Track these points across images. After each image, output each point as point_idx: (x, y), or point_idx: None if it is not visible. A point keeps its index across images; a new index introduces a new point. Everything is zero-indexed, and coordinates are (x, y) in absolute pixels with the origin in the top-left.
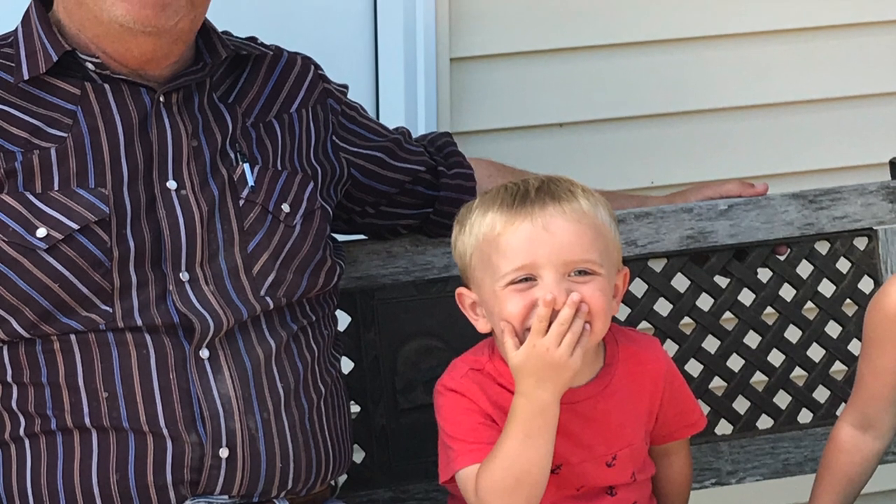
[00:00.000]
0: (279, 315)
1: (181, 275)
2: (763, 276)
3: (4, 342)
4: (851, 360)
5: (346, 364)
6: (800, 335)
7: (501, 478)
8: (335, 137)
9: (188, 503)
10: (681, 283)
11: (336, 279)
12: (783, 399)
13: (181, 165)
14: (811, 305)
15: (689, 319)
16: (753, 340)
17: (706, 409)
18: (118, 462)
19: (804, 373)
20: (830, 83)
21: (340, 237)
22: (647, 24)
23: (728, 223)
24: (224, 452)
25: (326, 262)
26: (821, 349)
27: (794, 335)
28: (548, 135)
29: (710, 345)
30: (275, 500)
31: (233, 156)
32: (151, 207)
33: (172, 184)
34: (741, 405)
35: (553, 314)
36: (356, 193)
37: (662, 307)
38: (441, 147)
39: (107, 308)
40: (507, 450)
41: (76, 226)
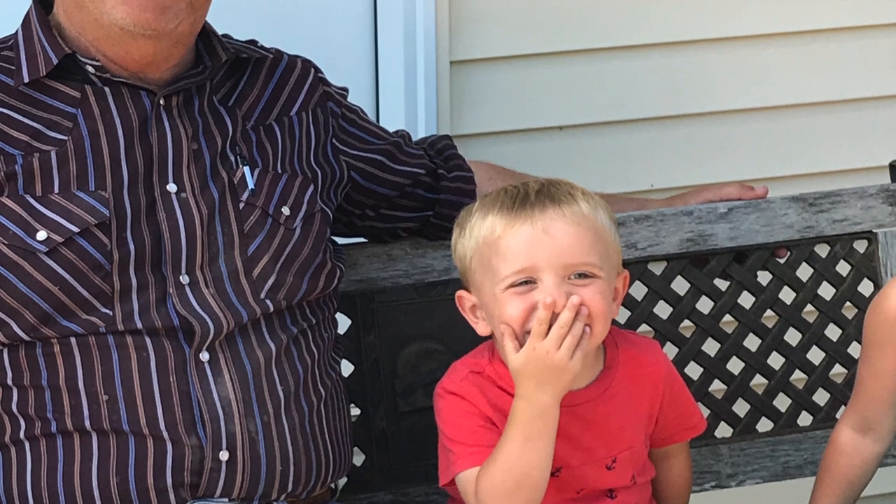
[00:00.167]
0: (279, 318)
1: (181, 278)
2: (763, 279)
3: (4, 345)
4: (851, 363)
5: (347, 367)
6: (800, 338)
7: (501, 481)
8: (335, 140)
9: None
10: (681, 286)
11: (336, 282)
12: (783, 402)
13: (181, 168)
14: (811, 308)
15: (689, 322)
16: (753, 343)
17: (706, 412)
18: (118, 465)
19: (804, 376)
20: (830, 86)
21: (340, 240)
22: (647, 28)
23: (728, 226)
24: (224, 455)
25: (326, 265)
26: (821, 352)
27: (794, 338)
28: (548, 138)
29: (710, 348)
30: (274, 503)
31: (233, 159)
32: (151, 210)
33: (172, 187)
34: (741, 408)
35: (553, 317)
36: (356, 196)
37: (662, 310)
38: (441, 150)
39: (107, 311)
40: (507, 453)
41: (76, 229)
